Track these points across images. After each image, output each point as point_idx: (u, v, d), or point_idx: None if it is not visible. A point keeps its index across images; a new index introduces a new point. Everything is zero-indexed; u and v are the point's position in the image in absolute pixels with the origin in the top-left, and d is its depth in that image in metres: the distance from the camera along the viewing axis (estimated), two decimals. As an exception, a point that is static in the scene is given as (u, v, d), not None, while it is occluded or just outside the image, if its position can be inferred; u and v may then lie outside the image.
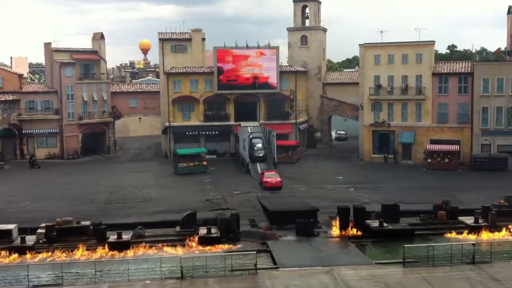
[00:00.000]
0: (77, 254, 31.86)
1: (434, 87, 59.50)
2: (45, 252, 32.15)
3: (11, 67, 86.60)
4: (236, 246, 33.06)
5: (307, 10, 73.45)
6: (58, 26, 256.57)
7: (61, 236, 34.00)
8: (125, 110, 73.39)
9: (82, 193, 47.36)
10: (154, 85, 78.08)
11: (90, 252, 32.11)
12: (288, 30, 73.46)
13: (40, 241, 33.61)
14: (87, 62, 69.69)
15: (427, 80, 59.68)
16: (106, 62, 72.52)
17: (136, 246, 32.93)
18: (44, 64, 78.65)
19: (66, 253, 31.97)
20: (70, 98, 67.03)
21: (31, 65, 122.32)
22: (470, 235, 34.72)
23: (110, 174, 56.79)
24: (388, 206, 37.18)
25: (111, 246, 32.59)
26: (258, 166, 55.46)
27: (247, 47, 66.20)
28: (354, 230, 34.91)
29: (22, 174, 57.76)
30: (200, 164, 56.98)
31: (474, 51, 78.38)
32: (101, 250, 32.34)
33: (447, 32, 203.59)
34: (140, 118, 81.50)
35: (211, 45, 68.81)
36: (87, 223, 35.59)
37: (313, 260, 30.33)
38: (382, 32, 65.52)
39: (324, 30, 74.78)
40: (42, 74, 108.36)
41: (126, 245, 32.90)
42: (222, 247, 32.91)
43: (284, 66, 70.64)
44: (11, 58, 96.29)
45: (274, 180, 47.67)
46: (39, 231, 34.18)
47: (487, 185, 48.20)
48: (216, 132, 66.53)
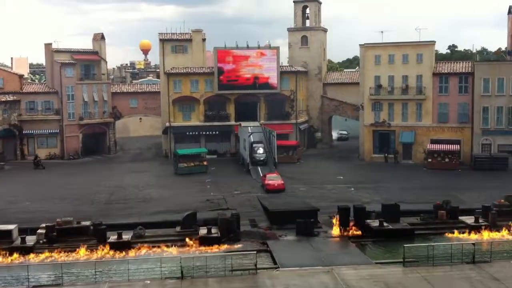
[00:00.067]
0: (77, 254, 31.87)
1: (435, 87, 59.52)
2: (45, 252, 32.15)
3: (11, 68, 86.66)
4: (236, 246, 33.08)
5: (308, 11, 73.49)
6: (58, 26, 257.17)
7: (61, 236, 33.99)
8: (125, 110, 73.45)
9: (83, 193, 47.39)
10: (154, 85, 78.17)
11: (90, 252, 32.12)
12: (289, 30, 73.49)
13: (40, 241, 33.61)
14: (87, 63, 69.79)
15: (427, 80, 59.69)
16: (106, 63, 72.63)
17: (137, 246, 32.97)
18: (44, 64, 78.67)
19: (67, 253, 31.98)
20: (71, 99, 67.09)
21: (31, 65, 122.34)
22: (470, 234, 34.71)
23: (111, 175, 56.81)
24: (389, 206, 37.20)
25: (111, 246, 32.60)
26: (259, 169, 55.23)
27: (248, 48, 66.22)
28: (354, 229, 34.91)
29: (23, 174, 57.77)
30: (200, 164, 57.02)
31: (474, 51, 78.61)
32: (101, 251, 32.33)
33: (447, 33, 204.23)
34: (140, 119, 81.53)
35: (212, 45, 68.99)
36: (88, 223, 35.60)
37: (313, 260, 30.33)
38: (382, 32, 65.68)
39: (324, 31, 74.79)
40: (42, 74, 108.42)
41: (127, 245, 32.92)
42: (222, 247, 32.92)
43: (285, 66, 70.64)
44: (12, 58, 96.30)
45: (276, 182, 47.08)
46: (39, 231, 34.18)
47: (487, 184, 48.19)
48: (217, 132, 66.57)
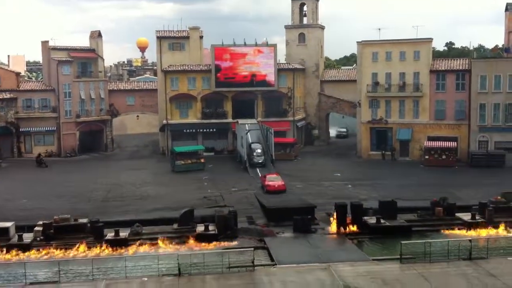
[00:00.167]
0: (77, 251, 31.88)
1: (432, 84, 59.56)
2: (42, 249, 32.13)
3: (8, 65, 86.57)
4: (233, 243, 33.11)
5: (305, 8, 73.46)
6: (57, 24, 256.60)
7: (58, 233, 34.00)
8: (122, 108, 73.32)
9: (80, 191, 47.34)
10: (151, 83, 78.05)
11: (87, 249, 32.14)
12: (286, 27, 73.44)
13: (38, 238, 33.61)
14: (84, 60, 69.56)
15: (424, 77, 59.73)
16: (103, 60, 72.42)
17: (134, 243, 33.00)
18: (41, 62, 78.54)
19: (64, 250, 31.97)
20: (68, 96, 66.97)
21: (28, 63, 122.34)
22: (467, 231, 34.81)
23: (108, 172, 56.76)
24: (386, 202, 37.26)
25: (108, 244, 32.60)
26: (258, 169, 54.82)
27: (245, 45, 66.17)
28: (351, 226, 34.96)
29: (20, 172, 57.67)
30: (197, 162, 56.99)
31: (471, 48, 78.64)
32: (98, 248, 32.35)
33: (445, 30, 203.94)
34: (137, 116, 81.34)
35: (209, 43, 68.92)
36: (85, 220, 35.61)
37: (310, 256, 30.39)
38: (379, 29, 65.31)
39: (322, 28, 74.76)
40: (39, 72, 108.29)
41: (124, 242, 32.92)
42: (219, 244, 32.95)
43: (282, 63, 70.61)
44: (9, 56, 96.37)
45: (276, 183, 45.62)
46: (37, 228, 34.20)
47: (484, 181, 48.28)
48: (214, 130, 66.51)
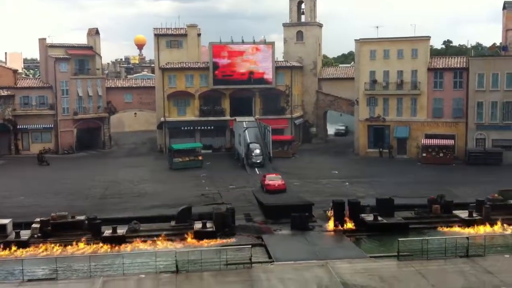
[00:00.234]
0: (73, 248, 31.87)
1: (429, 82, 59.59)
2: (40, 246, 32.12)
3: (5, 63, 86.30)
4: (231, 240, 33.14)
5: (303, 6, 73.33)
6: (55, 21, 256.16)
7: (56, 230, 33.99)
8: (120, 105, 73.24)
9: (77, 188, 47.30)
10: (149, 80, 77.90)
11: (85, 246, 32.15)
12: (284, 25, 73.37)
13: (35, 235, 33.60)
14: (82, 58, 69.43)
15: (422, 75, 59.76)
16: (101, 58, 72.32)
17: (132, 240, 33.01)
18: (38, 59, 78.35)
19: (61, 247, 31.97)
20: (65, 94, 66.84)
21: (25, 60, 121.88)
22: (463, 228, 34.91)
23: (105, 169, 56.71)
24: (383, 200, 37.35)
25: (106, 241, 32.60)
26: (257, 169, 54.32)
27: (243, 43, 66.11)
28: (349, 224, 35.02)
29: (17, 169, 57.56)
30: (195, 159, 56.99)
31: (469, 46, 78.60)
32: (96, 245, 32.37)
33: (443, 29, 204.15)
34: (135, 113, 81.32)
35: (207, 40, 69.03)
36: (82, 217, 35.63)
37: (308, 253, 30.44)
38: (377, 27, 65.25)
39: (319, 26, 74.70)
40: (36, 69, 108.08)
41: (121, 239, 32.93)
42: (217, 241, 32.98)
43: (280, 61, 70.59)
44: (6, 53, 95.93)
45: (276, 183, 44.33)
46: (34, 225, 34.18)
47: (481, 179, 48.38)
48: (212, 127, 66.50)
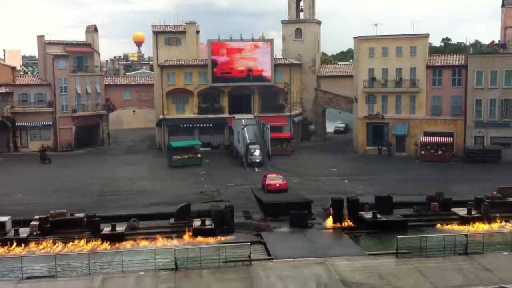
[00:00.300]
0: (72, 246, 31.88)
1: (428, 80, 59.63)
2: (38, 244, 32.12)
3: (4, 60, 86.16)
4: (230, 238, 33.16)
5: (302, 3, 73.31)
6: (53, 19, 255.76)
7: (55, 228, 34.00)
8: (119, 102, 73.17)
9: (76, 185, 47.26)
10: (148, 77, 77.84)
11: (84, 244, 32.16)
12: (283, 23, 73.32)
13: (34, 233, 33.57)
14: (80, 55, 69.33)
15: (421, 73, 59.77)
16: (99, 55, 72.24)
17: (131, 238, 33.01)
18: (37, 56, 78.21)
19: (60, 245, 31.97)
20: (64, 91, 66.76)
21: (24, 57, 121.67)
22: (463, 226, 34.97)
23: (104, 167, 56.67)
24: (382, 197, 37.36)
25: (105, 238, 32.61)
26: (256, 167, 54.05)
27: (242, 40, 66.06)
28: (347, 221, 35.05)
29: (16, 166, 57.48)
30: (194, 157, 56.99)
31: (468, 44, 78.60)
32: (95, 242, 32.38)
33: (443, 28, 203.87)
34: (134, 111, 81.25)
35: (205, 37, 68.85)
36: (81, 215, 35.62)
37: (307, 251, 30.46)
38: (376, 25, 65.52)
39: (318, 23, 74.65)
40: (35, 66, 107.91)
41: (120, 237, 32.93)
42: (216, 238, 33.00)
43: (279, 58, 70.51)
44: (4, 50, 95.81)
45: (277, 182, 43.54)
46: (33, 223, 34.15)
47: (480, 176, 48.44)
48: (210, 125, 66.47)
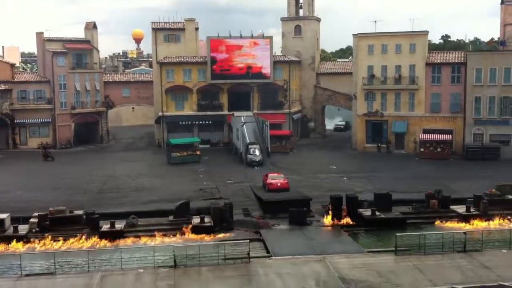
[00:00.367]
0: (71, 243, 31.91)
1: (427, 77, 59.59)
2: (38, 241, 32.14)
3: (3, 57, 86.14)
4: (229, 235, 33.19)
5: (301, 0, 73.14)
6: (52, 16, 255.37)
7: (54, 225, 34.02)
8: (118, 99, 73.07)
9: (75, 182, 47.26)
10: (147, 74, 77.74)
11: (83, 241, 32.20)
12: (282, 20, 73.24)
13: (33, 230, 33.61)
14: (79, 52, 69.20)
15: (420, 70, 59.73)
16: (98, 52, 72.09)
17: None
18: (36, 53, 78.10)
19: (59, 242, 31.99)
20: (63, 88, 66.65)
21: (23, 54, 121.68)
22: (462, 223, 35.04)
23: (103, 164, 56.65)
24: (381, 195, 37.40)
25: (104, 235, 32.63)
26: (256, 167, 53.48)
27: (241, 37, 65.97)
28: (346, 218, 35.09)
29: (15, 163, 57.50)
30: (193, 154, 56.97)
31: (467, 41, 78.57)
32: (94, 239, 32.42)
33: (442, 25, 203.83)
34: (133, 108, 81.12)
35: (205, 34, 68.56)
36: (80, 212, 35.66)
37: (305, 248, 30.51)
38: (376, 22, 65.47)
39: (318, 20, 74.58)
40: (34, 63, 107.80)
41: (119, 234, 32.96)
42: (215, 236, 33.03)
43: (278, 56, 70.40)
44: (3, 47, 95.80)
45: (279, 182, 42.09)
46: (32, 220, 34.20)
47: (479, 174, 48.50)
48: (210, 122, 66.45)
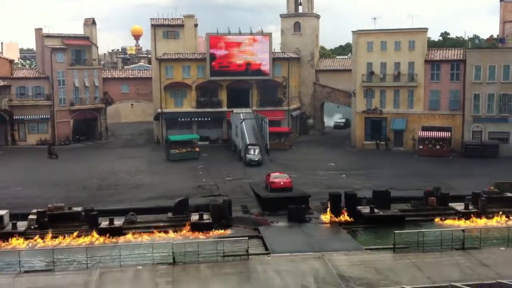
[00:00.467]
0: (69, 240, 31.91)
1: (426, 74, 59.57)
2: (36, 237, 32.15)
3: (1, 53, 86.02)
4: (228, 232, 33.23)
5: (300, -3, 73.18)
6: (51, 12, 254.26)
7: (52, 222, 33.97)
8: (117, 96, 73.00)
9: (74, 179, 47.25)
10: (146, 71, 77.66)
11: (82, 238, 32.20)
12: (281, 16, 73.19)
13: (32, 227, 33.59)
14: (78, 48, 69.10)
15: (419, 67, 59.71)
16: (97, 48, 72.05)
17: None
18: (35, 49, 77.98)
19: (58, 238, 31.99)
20: (62, 84, 66.63)
21: (22, 50, 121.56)
22: (460, 221, 35.07)
23: (102, 160, 56.65)
24: (379, 192, 37.39)
25: (102, 232, 32.64)
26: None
27: (240, 34, 65.93)
28: (345, 216, 35.12)
29: (14, 160, 57.46)
30: (192, 151, 56.99)
31: (466, 38, 78.34)
32: (92, 236, 32.42)
33: (441, 22, 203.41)
34: (132, 104, 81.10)
35: (204, 31, 68.53)
36: (79, 209, 35.61)
37: (304, 245, 30.52)
38: (375, 19, 65.56)
39: (317, 17, 74.51)
40: (33, 59, 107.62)
41: (118, 231, 32.98)
42: (214, 233, 33.06)
43: (277, 52, 70.40)
44: (2, 43, 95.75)
45: (282, 181, 40.98)
46: (31, 217, 34.15)
47: (477, 171, 48.54)
48: (209, 119, 66.43)
